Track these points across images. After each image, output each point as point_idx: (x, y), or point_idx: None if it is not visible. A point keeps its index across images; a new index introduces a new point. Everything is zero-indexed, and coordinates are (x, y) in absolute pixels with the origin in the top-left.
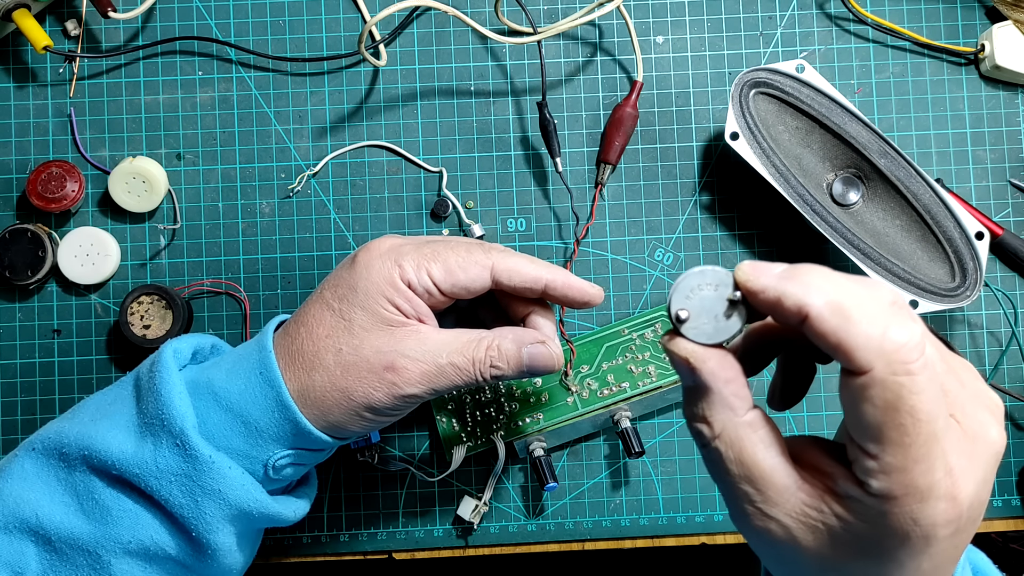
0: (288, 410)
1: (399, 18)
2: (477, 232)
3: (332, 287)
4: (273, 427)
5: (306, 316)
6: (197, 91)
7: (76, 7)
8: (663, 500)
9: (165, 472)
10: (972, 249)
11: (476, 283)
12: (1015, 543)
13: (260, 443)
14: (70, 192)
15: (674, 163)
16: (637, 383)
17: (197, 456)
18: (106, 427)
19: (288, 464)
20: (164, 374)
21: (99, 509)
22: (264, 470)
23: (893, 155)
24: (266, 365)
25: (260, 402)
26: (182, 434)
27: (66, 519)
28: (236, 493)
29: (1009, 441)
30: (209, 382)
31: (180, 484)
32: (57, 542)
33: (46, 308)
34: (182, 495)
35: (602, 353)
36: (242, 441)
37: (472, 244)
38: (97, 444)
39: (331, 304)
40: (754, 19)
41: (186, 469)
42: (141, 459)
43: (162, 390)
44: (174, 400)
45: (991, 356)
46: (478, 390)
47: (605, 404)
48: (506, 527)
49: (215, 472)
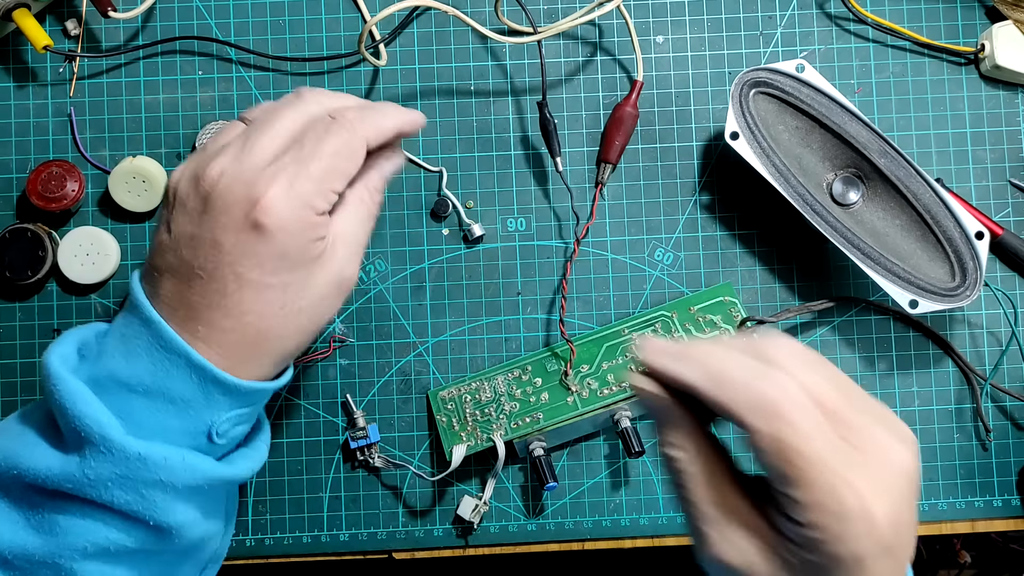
0: (206, 371)
1: (399, 18)
2: (477, 232)
3: (255, 266)
4: (199, 395)
5: (238, 306)
6: (197, 91)
7: (76, 7)
8: (663, 500)
9: (99, 480)
10: (972, 249)
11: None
12: (1015, 543)
13: (192, 414)
14: (70, 192)
15: (674, 163)
16: None
17: (127, 456)
18: (32, 443)
19: (231, 426)
20: (61, 386)
21: (47, 523)
22: (208, 437)
23: (893, 155)
24: (163, 336)
25: (174, 374)
26: (104, 440)
27: (17, 537)
28: (179, 476)
29: (1009, 441)
30: (112, 374)
31: (119, 485)
32: (15, 561)
33: (46, 308)
34: (125, 493)
35: (602, 353)
36: (174, 419)
37: (320, 133)
38: (24, 463)
39: (265, 282)
40: (754, 19)
41: (120, 471)
42: (70, 473)
43: (66, 403)
44: (81, 409)
45: (991, 356)
46: (478, 390)
47: (605, 404)
48: (506, 527)
49: (151, 465)
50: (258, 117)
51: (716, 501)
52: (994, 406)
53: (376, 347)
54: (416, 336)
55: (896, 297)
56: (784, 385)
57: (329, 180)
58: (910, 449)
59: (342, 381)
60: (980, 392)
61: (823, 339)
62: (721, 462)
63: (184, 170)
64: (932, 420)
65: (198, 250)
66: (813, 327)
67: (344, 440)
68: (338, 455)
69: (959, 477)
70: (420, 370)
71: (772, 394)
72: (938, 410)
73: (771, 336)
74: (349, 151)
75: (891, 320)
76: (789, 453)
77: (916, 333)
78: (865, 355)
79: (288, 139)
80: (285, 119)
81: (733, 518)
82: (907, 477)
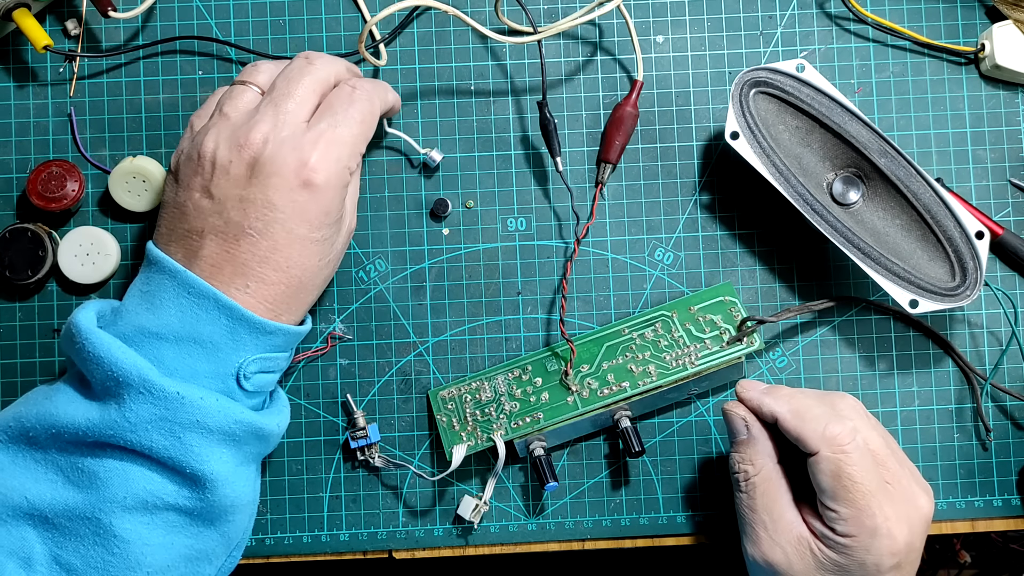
0: (234, 311)
1: (399, 18)
2: (437, 157)
3: (305, 221)
4: (227, 336)
5: (287, 260)
6: (197, 91)
7: (76, 7)
8: (663, 500)
9: (139, 423)
10: (972, 248)
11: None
12: (1015, 543)
13: (222, 356)
14: (70, 192)
15: (674, 163)
16: (637, 383)
17: (166, 396)
18: (65, 401)
19: (258, 371)
20: (94, 338)
21: (85, 476)
22: (237, 383)
23: (893, 154)
24: (190, 283)
25: (203, 317)
26: (144, 381)
27: (56, 494)
28: (215, 418)
29: (1009, 441)
30: (139, 327)
31: (158, 428)
32: (54, 518)
33: (46, 308)
34: (163, 438)
35: (602, 353)
36: (204, 362)
37: (347, 101)
38: (62, 419)
39: (311, 236)
40: (754, 19)
41: (160, 412)
42: (111, 420)
43: (101, 353)
44: (117, 356)
45: (991, 356)
46: (478, 390)
47: (605, 404)
48: (506, 526)
49: (188, 404)
50: (277, 86)
51: (771, 510)
52: (994, 406)
53: (376, 347)
54: (416, 336)
55: (896, 297)
56: (849, 429)
57: (359, 143)
58: (930, 499)
59: (342, 381)
60: (980, 392)
61: (823, 339)
62: (780, 481)
63: (217, 137)
64: (932, 420)
65: (248, 210)
66: (813, 327)
67: (344, 440)
68: (338, 455)
69: (959, 477)
70: (420, 370)
71: (840, 434)
72: (938, 410)
73: (840, 393)
74: (372, 118)
75: (891, 320)
76: (844, 478)
77: (916, 333)
78: (865, 355)
79: (314, 104)
80: (306, 85)
81: (781, 525)
82: (924, 518)
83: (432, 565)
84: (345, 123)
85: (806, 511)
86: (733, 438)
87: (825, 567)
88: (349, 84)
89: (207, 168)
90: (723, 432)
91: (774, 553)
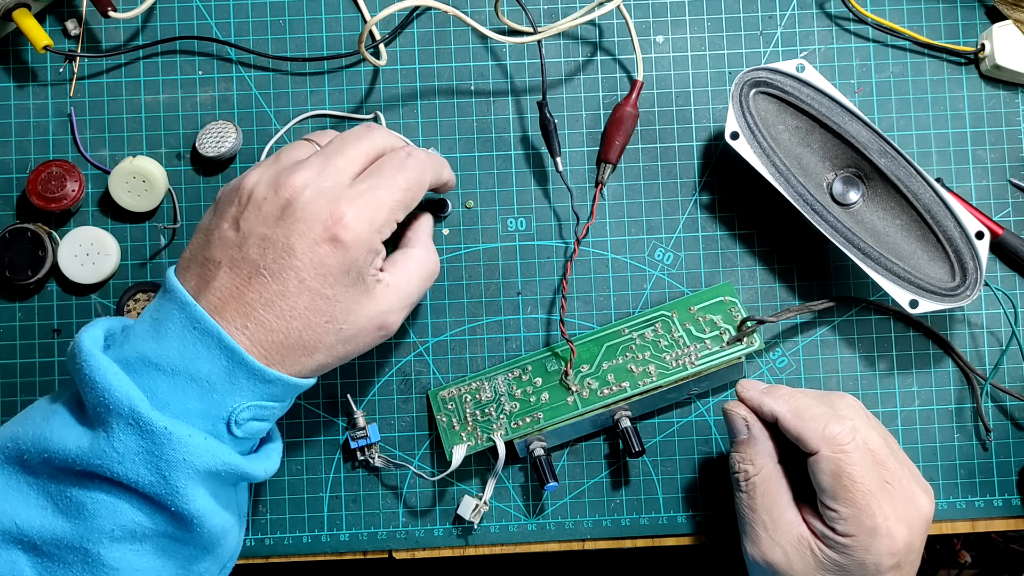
0: (235, 353)
1: (399, 18)
2: (383, 119)
3: (319, 275)
4: (224, 376)
5: (292, 309)
6: (197, 91)
7: (76, 7)
8: (663, 500)
9: (126, 455)
10: (972, 248)
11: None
12: (1015, 543)
13: (216, 397)
14: (70, 192)
15: (674, 163)
16: (637, 383)
17: (153, 430)
18: (60, 424)
19: (250, 418)
20: (91, 362)
21: (74, 506)
22: (227, 427)
23: (893, 155)
24: (196, 318)
25: (203, 354)
26: (133, 412)
27: (45, 522)
28: (201, 458)
29: (1009, 441)
30: (141, 354)
31: (144, 462)
32: (43, 546)
33: (46, 308)
34: (149, 473)
35: (602, 353)
36: (197, 400)
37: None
38: (54, 445)
39: (322, 292)
40: (754, 19)
41: (146, 446)
42: (99, 449)
43: (96, 378)
44: (112, 383)
45: (991, 356)
46: (478, 390)
47: (605, 404)
48: (506, 526)
49: (175, 441)
50: (333, 143)
51: (771, 509)
52: (994, 406)
53: (376, 347)
54: (416, 336)
55: (896, 297)
56: (849, 429)
57: (397, 210)
58: (930, 499)
59: (342, 381)
60: (980, 392)
61: (823, 339)
62: (781, 481)
63: (262, 174)
64: (932, 420)
65: (268, 250)
66: (813, 327)
67: (344, 440)
68: (338, 455)
69: (959, 477)
70: (420, 370)
71: (840, 433)
72: (938, 410)
73: (840, 393)
74: (418, 188)
75: (891, 320)
76: (844, 477)
77: (916, 333)
78: (865, 355)
79: (363, 165)
80: (360, 147)
81: (781, 525)
82: (923, 518)
83: (432, 565)
84: (388, 186)
85: (806, 511)
86: (733, 438)
87: (825, 567)
88: (404, 151)
89: (243, 200)
90: (723, 432)
91: (774, 553)
